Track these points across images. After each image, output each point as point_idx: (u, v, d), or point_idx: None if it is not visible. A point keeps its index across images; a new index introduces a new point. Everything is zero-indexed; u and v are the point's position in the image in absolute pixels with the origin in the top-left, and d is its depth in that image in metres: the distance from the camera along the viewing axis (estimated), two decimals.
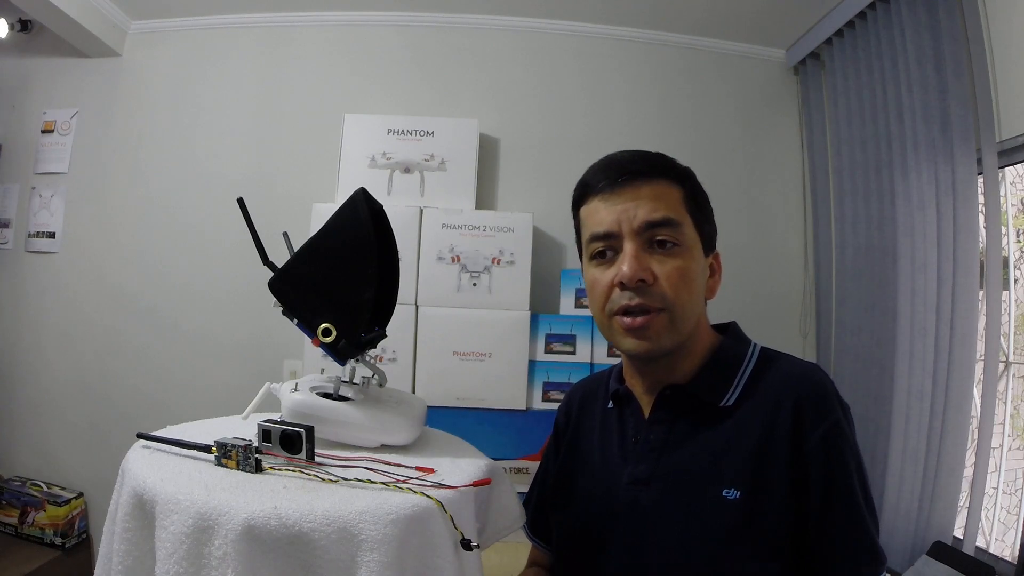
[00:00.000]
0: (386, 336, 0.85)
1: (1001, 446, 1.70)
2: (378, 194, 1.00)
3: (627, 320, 0.70)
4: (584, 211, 0.76)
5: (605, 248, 0.72)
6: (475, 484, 0.71)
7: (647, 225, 0.70)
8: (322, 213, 1.87)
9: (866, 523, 0.66)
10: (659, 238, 0.70)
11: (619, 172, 0.72)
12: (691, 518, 0.68)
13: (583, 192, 0.76)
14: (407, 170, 2.11)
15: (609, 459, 0.79)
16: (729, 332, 0.79)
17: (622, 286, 0.69)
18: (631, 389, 0.80)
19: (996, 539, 1.71)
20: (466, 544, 0.64)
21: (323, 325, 0.78)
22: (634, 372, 0.79)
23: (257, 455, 0.69)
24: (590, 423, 0.86)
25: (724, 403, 0.71)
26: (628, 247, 0.70)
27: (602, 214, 0.72)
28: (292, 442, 0.71)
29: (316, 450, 0.72)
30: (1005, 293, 1.69)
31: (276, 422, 0.73)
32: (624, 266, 0.69)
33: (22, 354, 2.27)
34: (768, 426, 0.67)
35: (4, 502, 2.12)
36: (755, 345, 0.78)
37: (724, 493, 0.66)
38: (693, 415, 0.73)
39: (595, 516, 0.77)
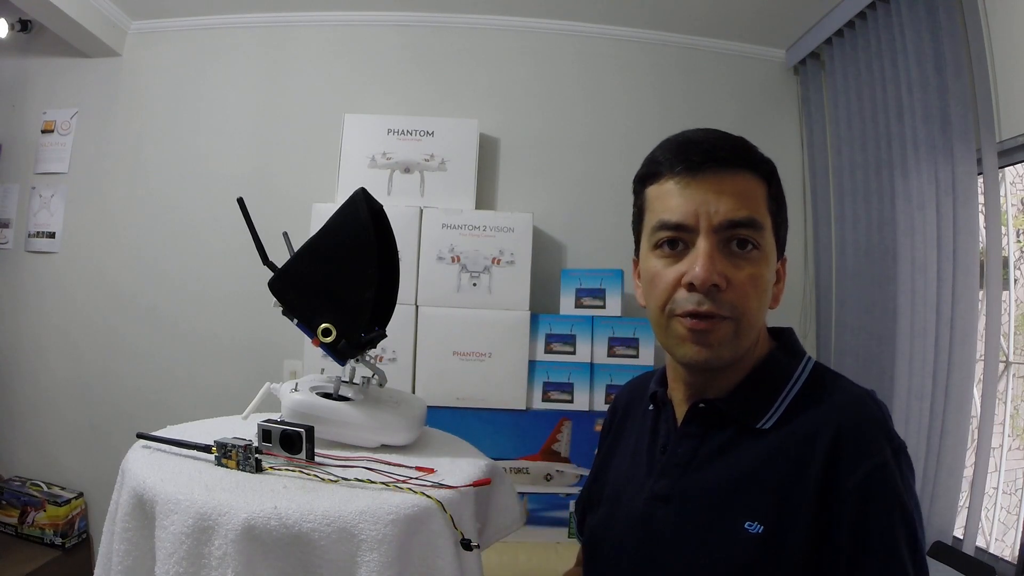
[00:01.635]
0: (386, 336, 0.85)
1: (1001, 446, 1.70)
2: (378, 194, 1.00)
3: (689, 322, 0.63)
4: (652, 191, 0.67)
5: (675, 239, 0.64)
6: (475, 484, 0.71)
7: (728, 223, 0.62)
8: (322, 213, 1.87)
9: None
10: (740, 238, 0.62)
11: (702, 156, 0.64)
12: (707, 546, 0.62)
13: (654, 170, 0.68)
14: (407, 170, 2.11)
15: (637, 466, 0.74)
16: (782, 341, 0.71)
17: (691, 287, 0.62)
18: (670, 395, 0.74)
19: (996, 539, 1.71)
20: (466, 544, 0.64)
21: (323, 325, 0.78)
22: (677, 379, 0.73)
23: (257, 455, 0.69)
24: (632, 425, 0.81)
25: (761, 425, 0.64)
26: (702, 245, 0.62)
27: (676, 200, 0.64)
28: (292, 442, 0.71)
29: (316, 450, 0.72)
30: (1005, 293, 1.69)
31: (276, 422, 0.73)
32: (697, 267, 0.61)
33: (22, 354, 2.27)
34: (802, 458, 0.60)
35: (4, 502, 2.12)
36: (808, 360, 0.69)
37: (746, 526, 0.59)
38: (726, 433, 0.66)
39: (613, 524, 0.73)
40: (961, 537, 1.56)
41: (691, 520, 0.64)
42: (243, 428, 0.83)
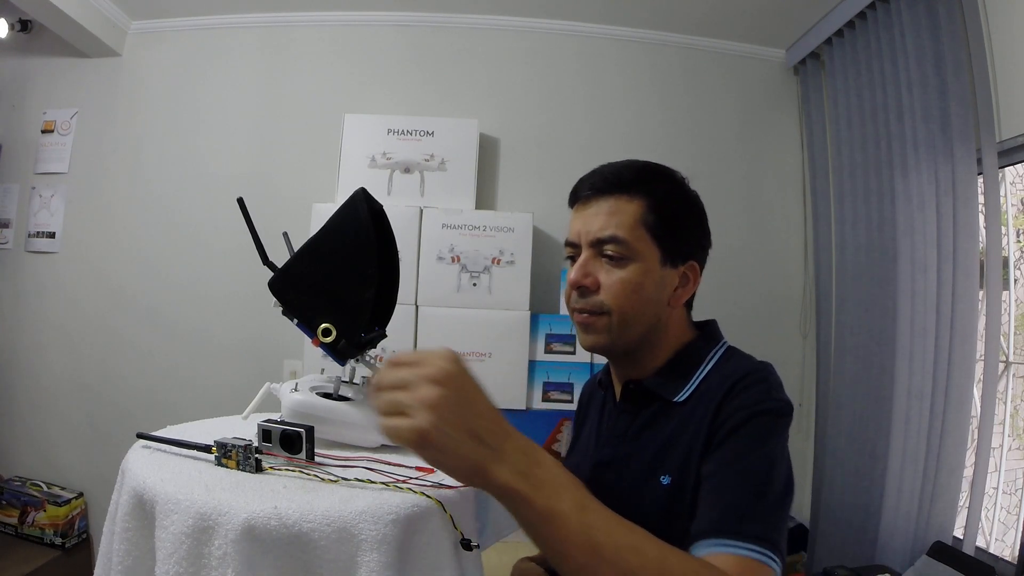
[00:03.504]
0: (386, 336, 0.85)
1: (1001, 446, 1.70)
2: (378, 194, 1.00)
3: (576, 316, 0.80)
4: (571, 215, 0.85)
5: (572, 254, 0.81)
6: None
7: (596, 240, 0.77)
8: (322, 213, 1.87)
9: (746, 499, 0.65)
10: (607, 252, 0.77)
11: (588, 187, 0.81)
12: (635, 500, 0.74)
13: (570, 198, 0.85)
14: (407, 170, 2.11)
15: (590, 442, 0.89)
16: (704, 331, 0.84)
17: (572, 288, 0.79)
18: (612, 380, 0.88)
19: (996, 539, 1.71)
20: (466, 544, 0.64)
21: (323, 325, 0.78)
22: (611, 363, 0.87)
23: (257, 455, 0.69)
24: (592, 412, 0.94)
25: (677, 399, 0.77)
26: (581, 256, 0.79)
27: (573, 223, 0.82)
28: (292, 442, 0.71)
29: (316, 450, 0.72)
30: (1005, 293, 1.69)
31: (276, 422, 0.73)
32: (572, 273, 0.79)
33: (22, 354, 2.27)
34: (701, 417, 0.72)
35: (4, 502, 2.12)
36: (722, 344, 0.82)
37: (661, 479, 0.72)
38: (652, 408, 0.79)
39: None
40: (961, 537, 1.56)
41: (626, 480, 0.77)
42: (243, 428, 0.83)
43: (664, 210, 0.78)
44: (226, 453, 0.69)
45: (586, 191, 0.81)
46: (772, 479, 0.66)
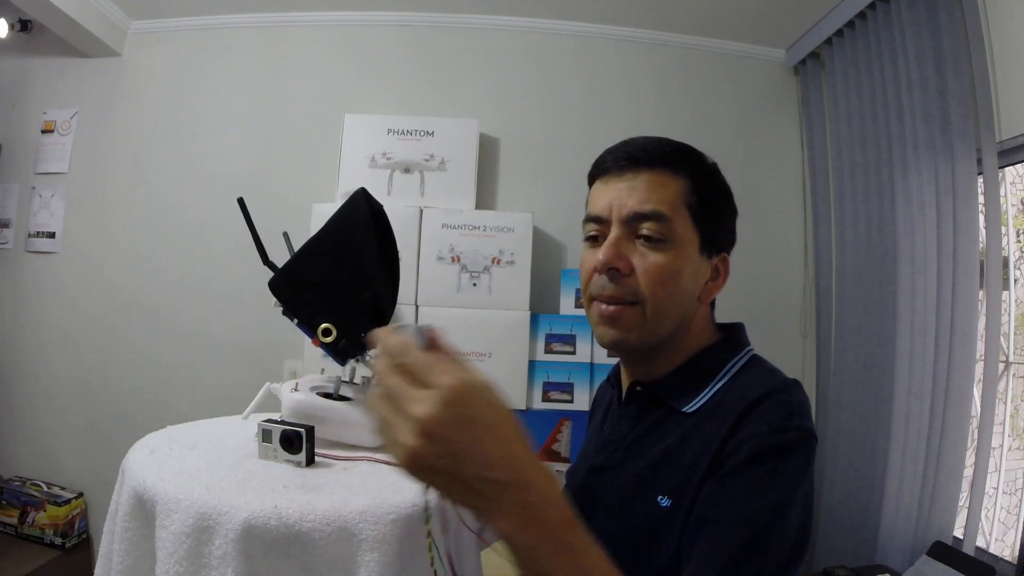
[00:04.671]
0: None
1: (1001, 446, 1.70)
2: (378, 194, 1.00)
3: (601, 307, 0.69)
4: (591, 189, 0.75)
5: (596, 231, 0.71)
6: None
7: (634, 215, 0.68)
8: (322, 213, 1.87)
9: (747, 555, 0.56)
10: (644, 231, 0.67)
11: (624, 156, 0.71)
12: (626, 515, 0.66)
13: (594, 170, 0.75)
14: (407, 170, 2.11)
15: (590, 443, 0.83)
16: (727, 335, 0.75)
17: (599, 271, 0.69)
18: (621, 378, 0.80)
19: (996, 539, 1.71)
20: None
21: (323, 325, 0.78)
22: (622, 362, 0.79)
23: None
24: (599, 411, 0.88)
25: (686, 409, 0.68)
26: (612, 234, 0.68)
27: (599, 196, 0.72)
28: (292, 442, 0.71)
29: (316, 449, 0.72)
30: (1005, 293, 1.69)
31: (276, 422, 0.73)
32: (600, 252, 0.68)
33: (22, 354, 2.27)
34: (709, 436, 0.63)
35: (4, 502, 2.12)
36: (746, 352, 0.73)
37: (659, 499, 0.64)
38: (657, 415, 0.71)
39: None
40: (961, 537, 1.56)
41: (619, 491, 0.69)
42: (243, 428, 0.83)
43: (706, 193, 0.70)
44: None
45: (620, 161, 0.70)
46: (781, 531, 0.57)
